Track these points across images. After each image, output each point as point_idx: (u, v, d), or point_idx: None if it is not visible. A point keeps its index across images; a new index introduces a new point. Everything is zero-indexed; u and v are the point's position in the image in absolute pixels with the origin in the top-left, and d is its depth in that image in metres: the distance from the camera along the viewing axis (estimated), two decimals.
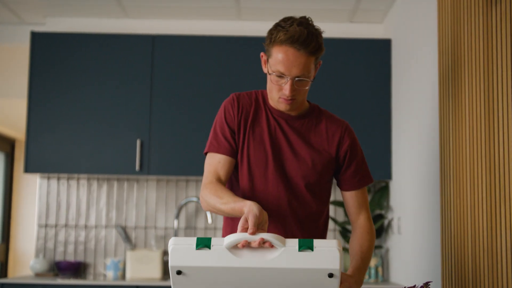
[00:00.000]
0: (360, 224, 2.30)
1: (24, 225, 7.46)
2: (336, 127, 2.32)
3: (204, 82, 4.35)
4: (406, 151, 3.93)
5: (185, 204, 4.54)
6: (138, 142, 4.28)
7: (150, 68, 4.36)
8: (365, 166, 2.36)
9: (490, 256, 2.35)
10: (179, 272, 1.84)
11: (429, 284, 2.09)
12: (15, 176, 7.93)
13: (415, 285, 2.07)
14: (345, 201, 2.36)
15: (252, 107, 2.31)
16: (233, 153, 2.27)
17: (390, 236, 4.27)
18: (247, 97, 2.33)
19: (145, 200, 4.61)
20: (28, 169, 4.31)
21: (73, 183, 4.62)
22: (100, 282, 4.02)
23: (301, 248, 1.79)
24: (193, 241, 1.82)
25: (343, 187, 2.35)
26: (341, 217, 4.57)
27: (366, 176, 2.36)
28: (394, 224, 4.16)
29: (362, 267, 2.21)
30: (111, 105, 4.34)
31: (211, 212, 2.28)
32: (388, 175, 4.28)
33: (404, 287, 2.07)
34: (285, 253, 1.82)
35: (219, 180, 2.22)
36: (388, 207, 4.37)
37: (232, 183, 2.36)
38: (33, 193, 4.66)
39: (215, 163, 2.25)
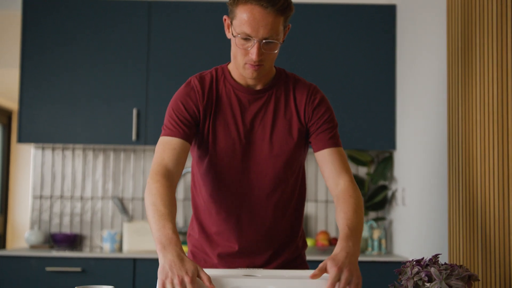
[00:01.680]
0: (341, 189, 2.09)
1: (22, 197, 7.41)
2: (303, 91, 2.18)
3: (203, 49, 4.24)
4: (411, 120, 3.82)
5: (183, 175, 4.45)
6: (134, 112, 4.18)
7: (147, 35, 4.24)
8: (336, 129, 2.19)
9: (502, 227, 2.24)
10: None
11: (438, 257, 1.98)
12: (13, 147, 7.86)
13: (423, 258, 1.97)
14: (321, 167, 2.16)
15: (214, 89, 2.16)
16: (187, 138, 2.10)
17: (394, 208, 4.19)
18: (208, 79, 2.18)
19: (142, 171, 4.52)
20: (21, 139, 4.22)
21: (68, 153, 4.52)
22: (97, 254, 3.94)
23: None
24: None
25: (316, 146, 2.16)
26: None
27: (336, 138, 2.17)
28: (398, 195, 4.07)
29: (351, 235, 1.93)
30: (106, 73, 4.23)
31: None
32: (392, 145, 4.18)
33: (412, 260, 1.96)
34: None
35: (167, 172, 2.03)
36: (392, 178, 4.28)
37: (194, 175, 2.26)
38: (30, 164, 4.58)
39: (166, 148, 2.08)
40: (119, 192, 4.50)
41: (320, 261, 2.98)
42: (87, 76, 4.22)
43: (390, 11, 4.25)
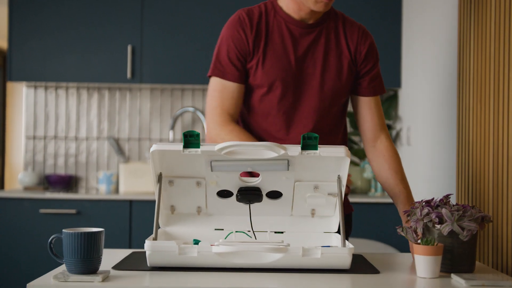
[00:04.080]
0: (385, 145, 2.19)
1: (18, 138, 7.31)
2: (353, 29, 2.19)
3: None
4: (417, 56, 3.66)
5: (181, 114, 4.31)
6: (129, 48, 4.03)
7: None
8: (380, 75, 2.26)
9: None
10: None
11: (449, 197, 1.85)
12: (8, 88, 7.72)
13: (433, 198, 1.84)
14: (361, 112, 2.21)
15: (263, 21, 2.13)
16: (242, 79, 2.12)
17: (399, 148, 4.07)
18: (256, 12, 2.14)
19: (138, 110, 4.38)
20: (12, 77, 4.07)
21: (62, 92, 4.38)
22: (93, 196, 3.84)
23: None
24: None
25: (361, 92, 2.20)
26: None
27: (381, 84, 2.26)
28: (403, 134, 3.95)
29: (410, 196, 2.13)
30: (99, 8, 4.06)
31: None
32: (397, 82, 4.04)
33: (421, 200, 1.83)
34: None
35: (231, 118, 2.10)
36: (396, 117, 4.14)
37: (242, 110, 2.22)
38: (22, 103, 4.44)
39: (224, 94, 2.11)
40: (115, 132, 4.38)
41: None
42: (79, 11, 4.05)
43: None
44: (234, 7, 4.03)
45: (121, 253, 1.98)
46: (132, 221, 3.79)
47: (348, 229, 2.30)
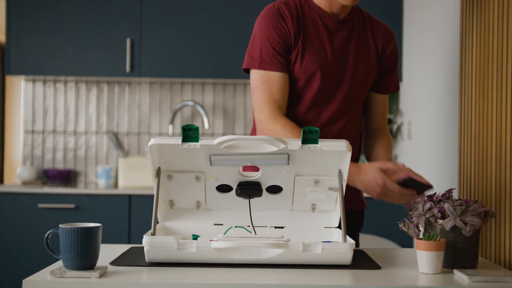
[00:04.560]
0: (384, 133, 2.30)
1: (16, 131, 7.28)
2: (379, 26, 2.25)
3: None
4: (419, 50, 3.63)
5: (180, 108, 4.29)
6: (128, 42, 4.00)
7: None
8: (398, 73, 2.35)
9: None
10: None
11: (452, 192, 1.83)
12: (7, 81, 7.69)
13: (435, 193, 1.82)
14: (373, 108, 2.31)
15: (300, 14, 2.13)
16: (287, 69, 2.11)
17: (400, 142, 4.04)
18: (292, 4, 2.15)
19: (137, 105, 4.35)
20: (10, 71, 4.05)
21: (60, 86, 4.35)
22: (92, 190, 3.81)
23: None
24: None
25: (381, 90, 2.29)
26: None
27: (398, 82, 2.36)
28: (404, 129, 3.92)
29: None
30: (98, 1, 4.04)
31: None
32: (398, 76, 4.00)
33: (423, 194, 1.81)
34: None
35: (282, 112, 2.08)
36: (397, 111, 4.11)
37: None
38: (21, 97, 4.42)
39: (272, 86, 2.08)
40: (114, 126, 4.35)
41: None
42: (78, 5, 4.03)
43: None
44: (233, 0, 4.01)
45: (119, 249, 1.96)
46: (131, 216, 3.77)
47: (360, 224, 2.32)
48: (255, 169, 2.01)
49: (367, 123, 2.33)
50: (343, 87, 2.16)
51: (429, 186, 1.95)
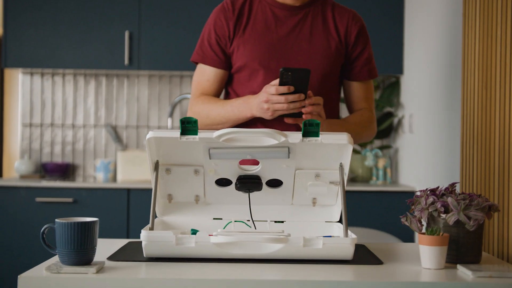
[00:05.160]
0: (362, 111, 2.25)
1: (15, 125, 7.26)
2: (343, 12, 2.21)
3: None
4: (420, 41, 3.60)
5: (180, 101, 4.26)
6: (126, 34, 3.97)
7: None
8: (373, 58, 2.27)
9: None
10: None
11: (455, 186, 1.80)
12: (5, 75, 7.66)
13: (438, 187, 1.79)
14: (349, 96, 2.26)
15: (247, 7, 2.17)
16: (221, 65, 2.18)
17: (400, 135, 4.01)
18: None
19: (136, 98, 4.32)
20: (8, 63, 4.02)
21: (58, 79, 4.32)
22: (90, 184, 3.79)
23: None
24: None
25: (351, 77, 2.23)
26: None
27: (374, 68, 2.28)
28: (405, 122, 3.89)
29: (338, 122, 2.15)
30: None
31: (203, 127, 2.17)
32: (399, 69, 3.98)
33: (426, 189, 1.78)
34: None
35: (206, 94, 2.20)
36: (398, 104, 4.08)
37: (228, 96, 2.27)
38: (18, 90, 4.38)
39: (204, 79, 2.19)
40: (113, 119, 4.32)
41: None
42: None
43: None
44: None
45: (117, 243, 1.93)
46: (130, 210, 3.74)
47: None
48: (255, 162, 1.99)
49: (349, 111, 2.29)
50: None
51: (304, 70, 1.86)
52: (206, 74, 2.18)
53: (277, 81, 1.93)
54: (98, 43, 3.99)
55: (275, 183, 1.86)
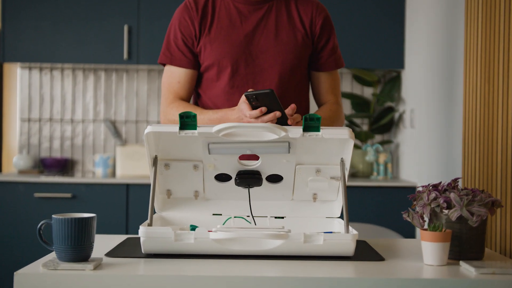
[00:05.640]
0: (330, 104, 2.22)
1: (12, 120, 7.24)
2: (307, 5, 2.21)
3: None
4: (421, 36, 3.57)
5: None
6: (125, 28, 3.94)
7: None
8: (338, 48, 2.27)
9: None
10: None
11: (458, 181, 1.77)
12: (3, 69, 7.64)
13: (440, 182, 1.76)
14: (315, 86, 2.26)
15: (209, 6, 2.17)
16: (190, 65, 2.17)
17: (401, 130, 3.99)
18: None
19: (135, 92, 4.29)
20: (6, 58, 3.99)
21: (57, 73, 4.29)
22: (89, 179, 3.76)
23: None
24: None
25: (319, 67, 2.23)
26: None
27: (341, 58, 2.28)
28: (406, 117, 3.87)
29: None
30: None
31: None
32: (400, 63, 3.95)
33: (428, 184, 1.76)
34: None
35: (180, 98, 2.18)
36: (399, 99, 4.06)
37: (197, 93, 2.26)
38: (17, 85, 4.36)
39: (175, 81, 2.17)
40: (111, 114, 4.30)
41: None
42: None
43: None
44: None
45: (115, 239, 1.91)
46: (129, 205, 3.72)
47: None
48: (255, 157, 1.97)
49: (316, 103, 2.27)
50: (265, 67, 2.13)
51: (266, 91, 1.80)
52: (176, 76, 2.17)
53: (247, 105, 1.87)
54: (97, 37, 3.96)
55: (275, 179, 1.84)
